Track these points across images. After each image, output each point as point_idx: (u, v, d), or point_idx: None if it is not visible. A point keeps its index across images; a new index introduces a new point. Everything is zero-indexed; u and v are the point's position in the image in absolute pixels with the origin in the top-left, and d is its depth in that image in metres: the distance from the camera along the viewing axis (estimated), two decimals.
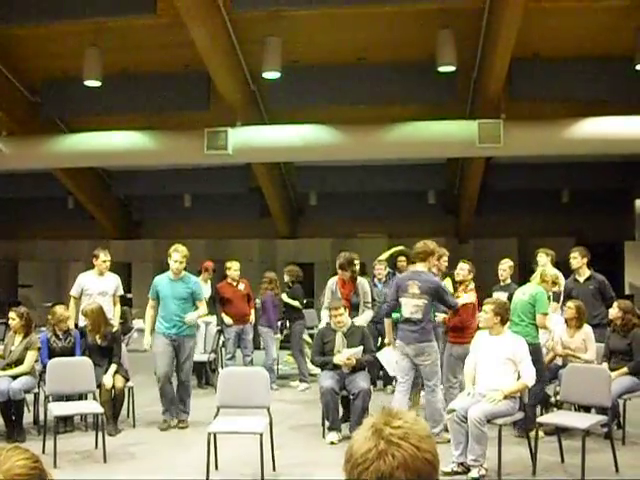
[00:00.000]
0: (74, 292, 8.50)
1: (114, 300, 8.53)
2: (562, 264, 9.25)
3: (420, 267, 7.09)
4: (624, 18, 10.64)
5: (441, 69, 11.24)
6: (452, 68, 11.22)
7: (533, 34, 10.87)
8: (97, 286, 8.45)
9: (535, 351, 6.80)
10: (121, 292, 8.80)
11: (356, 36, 11.63)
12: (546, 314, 7.04)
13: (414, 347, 6.96)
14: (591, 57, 11.64)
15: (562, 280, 8.28)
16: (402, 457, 1.42)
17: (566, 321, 7.51)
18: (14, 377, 7.12)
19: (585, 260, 8.33)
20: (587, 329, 7.39)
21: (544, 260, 8.87)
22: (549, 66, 11.75)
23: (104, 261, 8.53)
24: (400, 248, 10.28)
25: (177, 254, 7.63)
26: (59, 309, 7.85)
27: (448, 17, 10.88)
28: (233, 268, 10.41)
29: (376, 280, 9.92)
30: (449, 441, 6.11)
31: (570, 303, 7.50)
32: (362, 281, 8.44)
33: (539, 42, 11.38)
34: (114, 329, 7.85)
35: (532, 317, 6.99)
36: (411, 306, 6.98)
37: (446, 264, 8.60)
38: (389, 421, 1.48)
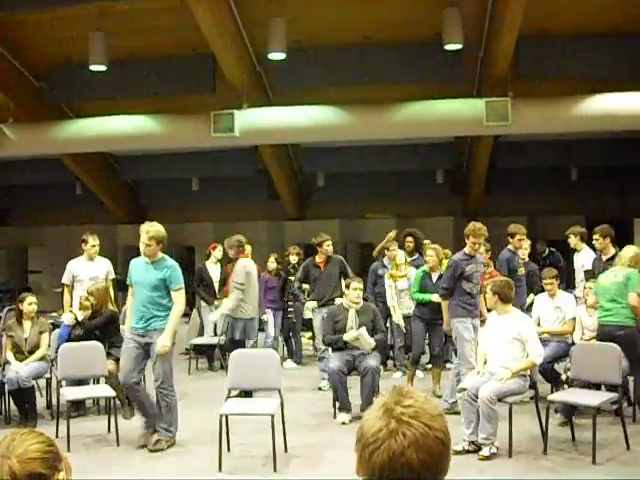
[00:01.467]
0: (65, 280, 8.50)
1: (106, 284, 8.50)
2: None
3: None
4: None
5: (447, 47, 11.16)
6: (459, 46, 11.13)
7: (540, 11, 10.75)
8: (88, 271, 8.43)
9: (632, 335, 6.65)
10: (113, 276, 8.76)
11: (361, 15, 11.53)
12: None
13: None
14: (599, 33, 11.51)
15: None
16: (413, 436, 1.43)
17: (585, 302, 7.48)
18: None
19: (607, 240, 8.07)
20: None
21: (574, 241, 8.95)
22: (557, 43, 11.63)
23: (93, 245, 8.50)
24: (392, 234, 10.21)
25: (143, 235, 6.59)
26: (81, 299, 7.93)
27: None
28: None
29: (385, 260, 9.91)
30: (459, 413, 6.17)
31: (590, 284, 7.45)
32: (239, 263, 8.52)
33: (546, 19, 11.25)
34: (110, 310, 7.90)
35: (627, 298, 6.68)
36: None
37: (521, 242, 8.50)
38: (400, 400, 1.49)
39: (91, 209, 18.64)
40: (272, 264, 10.49)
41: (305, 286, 10.18)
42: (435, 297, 8.02)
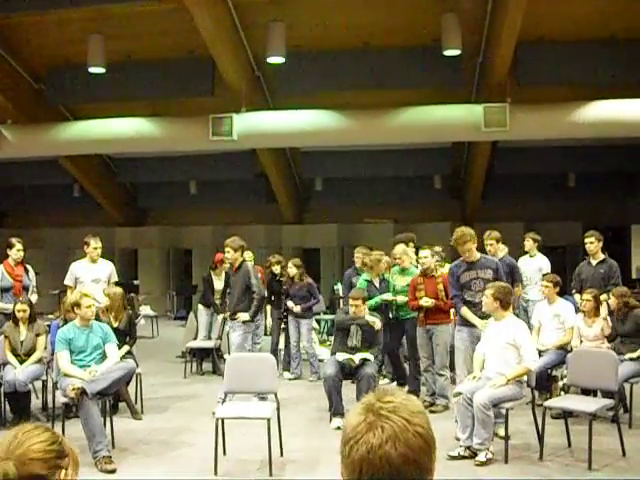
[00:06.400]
0: (68, 281, 8.50)
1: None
2: (568, 249, 9.35)
3: None
4: (631, 0, 10.55)
5: (446, 53, 11.18)
6: (457, 52, 11.15)
7: (539, 17, 10.78)
8: (90, 274, 8.42)
9: None
10: (115, 278, 8.73)
11: (360, 20, 11.56)
12: None
13: None
14: (597, 40, 11.54)
15: None
16: (391, 429, 1.42)
17: (584, 313, 7.48)
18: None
19: (600, 244, 8.36)
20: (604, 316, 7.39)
21: (530, 245, 9.25)
22: (555, 50, 11.66)
23: (95, 248, 8.48)
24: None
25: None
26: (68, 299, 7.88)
27: (453, 0, 10.80)
28: (247, 257, 10.27)
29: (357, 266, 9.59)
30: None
31: (587, 295, 7.44)
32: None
33: (545, 25, 11.29)
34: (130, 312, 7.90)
35: None
36: None
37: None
38: (380, 397, 1.50)
39: (89, 211, 18.65)
40: (292, 270, 10.01)
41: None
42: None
